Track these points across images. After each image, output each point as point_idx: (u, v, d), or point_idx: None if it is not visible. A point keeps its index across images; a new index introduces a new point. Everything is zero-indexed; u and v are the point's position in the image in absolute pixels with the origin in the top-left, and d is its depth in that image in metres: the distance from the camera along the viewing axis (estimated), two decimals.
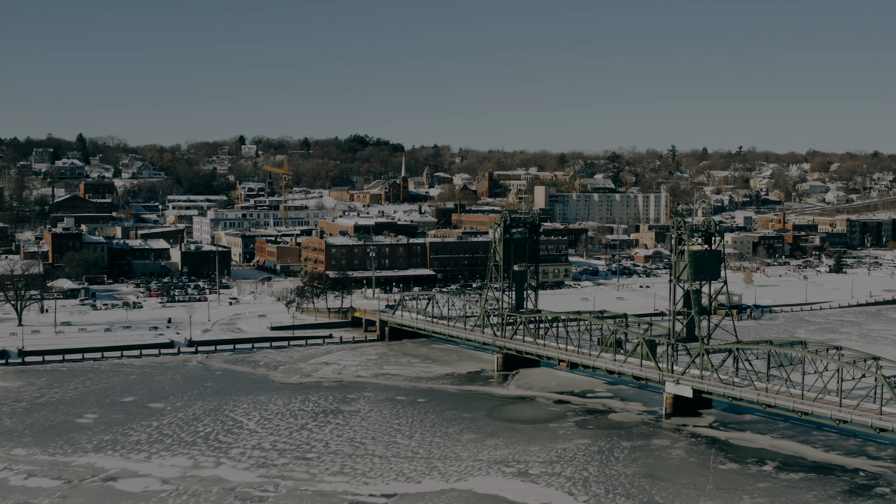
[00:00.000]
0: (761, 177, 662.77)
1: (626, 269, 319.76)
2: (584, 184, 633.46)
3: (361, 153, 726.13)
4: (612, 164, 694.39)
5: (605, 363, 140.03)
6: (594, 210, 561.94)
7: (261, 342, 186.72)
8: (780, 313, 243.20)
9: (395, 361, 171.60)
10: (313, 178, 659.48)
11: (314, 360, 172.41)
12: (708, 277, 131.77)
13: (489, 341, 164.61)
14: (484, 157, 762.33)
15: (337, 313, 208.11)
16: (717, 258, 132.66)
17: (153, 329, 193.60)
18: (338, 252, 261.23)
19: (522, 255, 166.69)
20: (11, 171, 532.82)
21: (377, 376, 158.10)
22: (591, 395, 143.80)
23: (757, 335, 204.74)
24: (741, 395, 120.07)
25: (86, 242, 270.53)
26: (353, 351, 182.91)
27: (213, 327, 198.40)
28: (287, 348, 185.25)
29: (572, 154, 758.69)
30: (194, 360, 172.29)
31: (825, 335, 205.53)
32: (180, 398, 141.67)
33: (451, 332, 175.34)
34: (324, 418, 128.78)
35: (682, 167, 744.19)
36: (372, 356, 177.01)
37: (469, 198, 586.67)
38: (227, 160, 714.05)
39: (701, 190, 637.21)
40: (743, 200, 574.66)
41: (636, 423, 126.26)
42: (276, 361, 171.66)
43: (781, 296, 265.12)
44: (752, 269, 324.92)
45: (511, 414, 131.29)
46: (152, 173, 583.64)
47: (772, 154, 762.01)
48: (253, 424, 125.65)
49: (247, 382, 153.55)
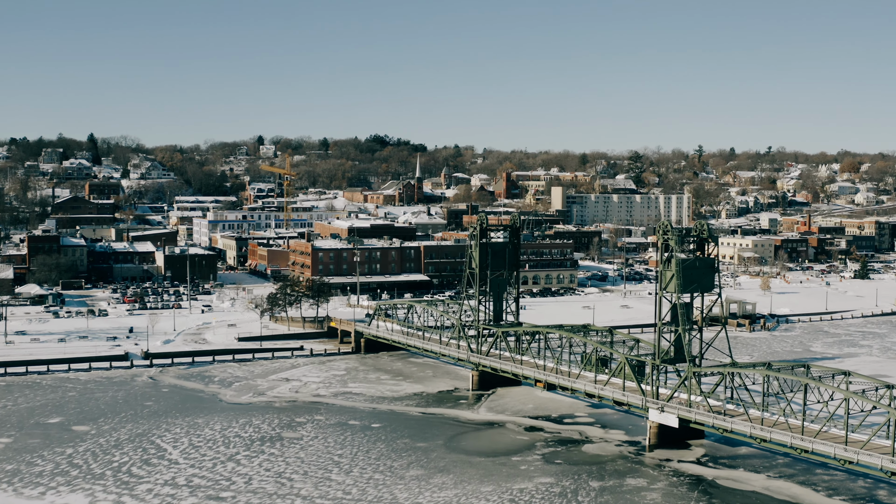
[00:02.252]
0: (789, 177, 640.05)
1: (637, 275, 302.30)
2: (605, 184, 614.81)
3: (380, 153, 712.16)
4: (635, 165, 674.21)
5: (585, 385, 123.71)
6: (613, 211, 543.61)
7: (223, 354, 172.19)
8: (798, 323, 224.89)
9: (362, 378, 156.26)
10: (329, 178, 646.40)
11: (275, 376, 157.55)
12: (699, 289, 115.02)
13: (464, 357, 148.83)
14: (505, 158, 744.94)
15: (312, 323, 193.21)
16: (711, 267, 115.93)
17: (111, 339, 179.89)
18: (325, 256, 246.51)
19: (502, 261, 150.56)
20: (19, 172, 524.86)
21: (337, 396, 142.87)
22: (570, 420, 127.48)
23: (768, 348, 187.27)
24: (732, 426, 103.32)
25: (64, 245, 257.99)
26: (321, 365, 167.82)
27: (176, 338, 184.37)
28: (251, 361, 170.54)
29: (595, 154, 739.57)
30: (145, 375, 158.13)
31: (843, 349, 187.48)
32: (111, 420, 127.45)
33: (427, 346, 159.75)
34: (259, 447, 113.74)
35: (708, 168, 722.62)
36: (339, 371, 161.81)
37: (486, 199, 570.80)
38: (244, 161, 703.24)
39: (726, 191, 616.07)
40: (769, 202, 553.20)
41: (613, 457, 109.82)
42: (233, 377, 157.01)
43: (801, 304, 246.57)
44: (772, 274, 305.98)
45: (471, 444, 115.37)
46: (161, 174, 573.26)
47: (801, 154, 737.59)
48: (177, 454, 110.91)
49: (191, 402, 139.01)
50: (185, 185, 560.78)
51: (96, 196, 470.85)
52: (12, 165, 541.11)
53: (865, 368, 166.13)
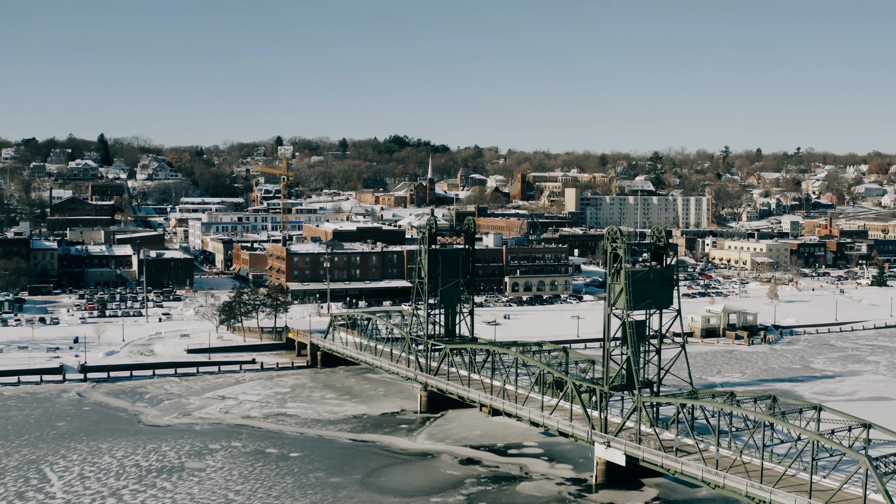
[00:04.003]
0: (814, 179, 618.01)
1: None
2: (622, 186, 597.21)
3: (398, 154, 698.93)
4: (654, 166, 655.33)
5: (531, 412, 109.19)
6: (629, 214, 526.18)
7: (165, 368, 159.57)
8: (803, 335, 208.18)
9: (306, 397, 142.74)
10: (344, 179, 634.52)
11: (212, 393, 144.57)
12: (654, 305, 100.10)
13: (411, 376, 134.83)
14: (526, 159, 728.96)
15: (270, 334, 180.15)
16: (669, 280, 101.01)
17: (53, 350, 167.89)
18: (300, 261, 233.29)
19: (455, 270, 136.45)
20: (25, 172, 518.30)
21: (268, 417, 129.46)
22: (515, 450, 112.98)
23: (764, 365, 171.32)
24: (683, 468, 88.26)
25: (34, 249, 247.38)
26: (268, 381, 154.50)
27: (122, 349, 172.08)
28: (194, 376, 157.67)
29: (615, 155, 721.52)
30: (74, 391, 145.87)
31: (847, 365, 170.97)
32: (11, 443, 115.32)
33: (378, 362, 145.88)
34: (153, 479, 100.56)
35: (732, 169, 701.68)
36: (284, 389, 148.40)
37: (500, 200, 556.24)
38: (261, 161, 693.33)
39: (748, 193, 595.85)
40: (792, 204, 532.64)
41: (550, 499, 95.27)
42: (166, 394, 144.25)
43: (810, 313, 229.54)
44: (783, 281, 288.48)
45: (392, 480, 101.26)
46: (169, 174, 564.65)
47: (830, 155, 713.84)
48: (58, 486, 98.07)
49: (108, 423, 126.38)
50: (192, 186, 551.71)
51: (99, 197, 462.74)
52: (19, 166, 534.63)
53: (866, 389, 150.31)
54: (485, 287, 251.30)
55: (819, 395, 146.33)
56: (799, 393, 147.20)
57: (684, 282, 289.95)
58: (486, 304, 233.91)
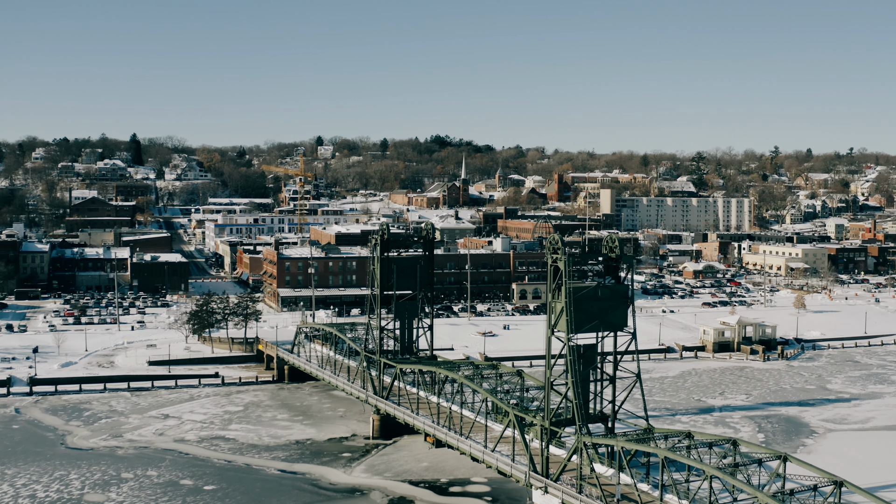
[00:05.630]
0: (864, 180, 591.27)
1: (663, 288, 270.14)
2: (662, 187, 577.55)
3: (438, 154, 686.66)
4: (697, 166, 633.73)
5: (471, 447, 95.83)
6: (667, 216, 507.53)
7: (117, 382, 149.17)
8: (827, 350, 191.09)
9: (255, 417, 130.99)
10: (381, 180, 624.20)
11: (156, 411, 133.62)
12: (603, 327, 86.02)
13: (362, 397, 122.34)
14: (569, 159, 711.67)
15: (241, 345, 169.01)
16: (622, 297, 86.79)
17: (7, 361, 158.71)
18: (293, 266, 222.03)
19: (412, 280, 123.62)
20: (53, 173, 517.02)
21: (202, 441, 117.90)
22: (459, 488, 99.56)
23: (775, 385, 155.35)
24: None
25: (24, 252, 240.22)
26: (224, 398, 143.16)
27: (81, 360, 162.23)
28: (149, 391, 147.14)
29: (658, 155, 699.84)
30: (13, 406, 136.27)
31: (867, 386, 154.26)
32: None
33: (334, 379, 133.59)
34: None
35: (781, 169, 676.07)
36: (237, 407, 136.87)
37: (536, 202, 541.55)
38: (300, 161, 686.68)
39: (794, 194, 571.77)
40: (838, 206, 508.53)
41: None
42: (108, 411, 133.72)
43: (838, 325, 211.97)
44: (816, 288, 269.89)
45: None
46: (198, 175, 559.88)
47: (882, 156, 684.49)
48: None
49: (28, 444, 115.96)
50: (221, 186, 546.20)
51: (123, 198, 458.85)
52: (48, 166, 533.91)
53: (884, 416, 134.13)
54: (490, 294, 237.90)
55: (828, 422, 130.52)
56: (805, 420, 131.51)
57: (710, 289, 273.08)
58: (490, 312, 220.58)
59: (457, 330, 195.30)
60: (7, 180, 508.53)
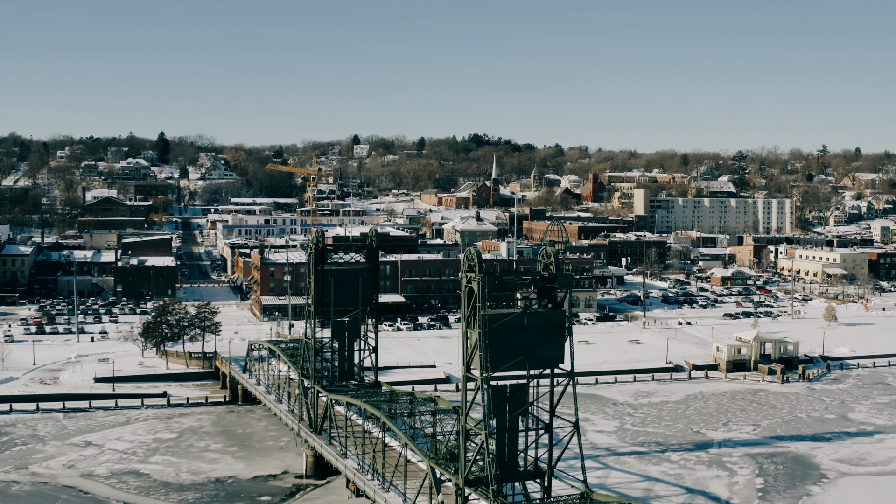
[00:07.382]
0: None
1: (685, 296, 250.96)
2: (701, 187, 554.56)
3: (475, 153, 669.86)
4: (738, 165, 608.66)
5: (387, 500, 79.87)
6: (704, 217, 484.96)
7: (53, 401, 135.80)
8: (856, 369, 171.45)
9: (184, 447, 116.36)
10: (414, 179, 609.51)
11: (80, 438, 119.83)
12: (531, 364, 69.36)
13: (295, 429, 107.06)
14: (609, 158, 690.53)
15: (199, 360, 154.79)
16: (558, 326, 69.97)
17: None
18: (277, 272, 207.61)
19: (353, 295, 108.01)
20: (77, 172, 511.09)
21: (113, 476, 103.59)
22: None
23: (789, 413, 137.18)
24: None
25: (5, 255, 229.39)
26: (163, 422, 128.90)
27: (24, 375, 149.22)
28: (85, 412, 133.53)
29: (699, 154, 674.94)
30: None
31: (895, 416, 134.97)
32: None
33: (275, 407, 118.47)
34: None
35: (827, 169, 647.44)
36: (172, 434, 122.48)
37: (569, 202, 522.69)
38: (335, 160, 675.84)
39: (840, 195, 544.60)
40: (885, 207, 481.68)
41: None
42: (26, 437, 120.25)
43: (872, 340, 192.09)
44: (853, 297, 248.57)
45: None
46: (223, 174, 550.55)
47: None
48: None
49: None
50: (245, 185, 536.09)
51: (142, 197, 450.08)
52: (72, 165, 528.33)
53: None
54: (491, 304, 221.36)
55: (843, 462, 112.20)
56: (816, 460, 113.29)
57: (737, 297, 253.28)
58: None
59: (446, 344, 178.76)
60: (30, 179, 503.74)
